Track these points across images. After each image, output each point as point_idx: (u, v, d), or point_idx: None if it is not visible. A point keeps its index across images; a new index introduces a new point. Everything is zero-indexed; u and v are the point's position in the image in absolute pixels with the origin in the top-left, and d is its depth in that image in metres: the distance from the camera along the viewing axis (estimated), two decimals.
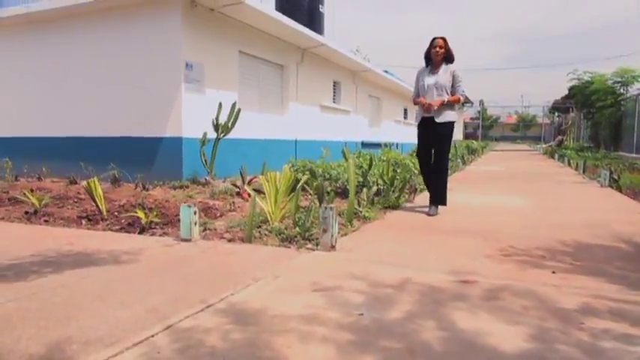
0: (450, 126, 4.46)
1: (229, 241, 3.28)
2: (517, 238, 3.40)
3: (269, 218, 3.73)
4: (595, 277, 2.46)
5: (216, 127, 6.61)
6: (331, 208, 2.86)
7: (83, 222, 4.31)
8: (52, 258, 2.76)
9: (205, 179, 6.73)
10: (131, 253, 2.84)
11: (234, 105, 6.67)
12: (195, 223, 3.25)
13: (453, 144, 16.66)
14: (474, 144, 21.16)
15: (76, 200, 5.34)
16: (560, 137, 29.55)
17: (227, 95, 7.54)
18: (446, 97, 4.39)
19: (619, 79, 15.77)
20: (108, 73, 7.28)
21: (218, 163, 6.89)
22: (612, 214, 4.55)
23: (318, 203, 3.28)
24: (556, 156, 14.91)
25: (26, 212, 4.58)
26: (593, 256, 2.90)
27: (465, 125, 46.39)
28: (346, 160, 5.04)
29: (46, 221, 4.28)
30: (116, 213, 4.63)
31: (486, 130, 51.17)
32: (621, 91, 15.73)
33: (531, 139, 47.61)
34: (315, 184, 3.48)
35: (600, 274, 2.50)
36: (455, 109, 4.55)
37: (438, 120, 4.39)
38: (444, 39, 4.46)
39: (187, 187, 6.49)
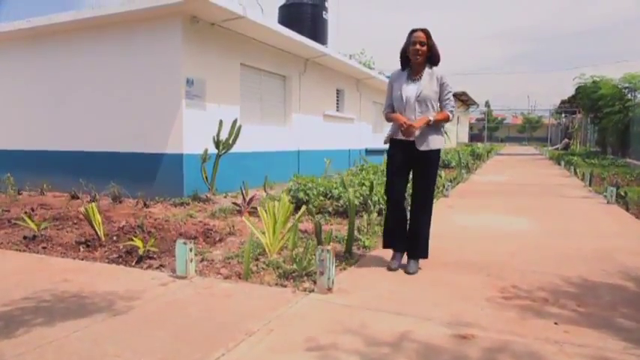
0: (436, 155, 3.40)
1: (225, 278, 3.23)
2: (520, 274, 3.32)
3: (267, 250, 3.68)
4: (599, 329, 2.38)
5: (217, 143, 6.58)
6: (328, 251, 2.80)
7: (81, 248, 4.28)
8: (46, 303, 2.72)
9: (206, 196, 6.70)
10: (124, 298, 2.79)
11: (234, 122, 6.64)
12: (191, 260, 3.20)
13: (457, 154, 16.14)
14: (479, 148, 21.00)
15: (75, 222, 5.31)
16: (566, 140, 29.34)
17: (228, 109, 7.51)
18: (432, 115, 3.30)
19: (626, 85, 15.57)
20: (109, 88, 7.27)
21: (220, 176, 6.86)
22: (618, 240, 4.45)
23: (316, 239, 3.23)
24: (562, 162, 14.74)
25: (25, 237, 4.56)
26: (598, 300, 2.82)
27: (471, 127, 46.16)
28: (346, 188, 4.97)
29: (44, 248, 4.26)
30: (115, 237, 4.61)
31: (492, 131, 50.86)
32: (629, 97, 15.52)
33: (537, 140, 47.23)
34: (315, 222, 3.42)
35: (605, 326, 2.42)
36: (441, 130, 3.46)
37: (420, 148, 3.29)
38: (425, 32, 3.31)
39: (188, 204, 6.46)
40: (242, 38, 7.83)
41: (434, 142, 3.34)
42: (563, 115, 36.80)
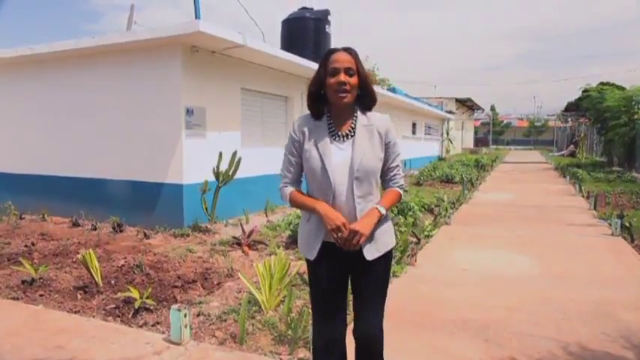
0: (389, 258, 2.12)
1: (220, 343, 3.21)
2: (518, 339, 3.27)
3: (263, 307, 3.66)
4: None
5: (217, 175, 6.56)
6: None
7: (79, 295, 4.29)
8: None
9: (206, 226, 6.69)
10: None
11: (234, 154, 6.62)
12: (186, 326, 3.18)
13: (459, 169, 15.87)
14: (484, 158, 20.83)
15: (74, 260, 5.30)
16: (572, 147, 29.23)
17: (229, 135, 7.49)
18: (378, 202, 2.02)
19: (633, 97, 15.41)
20: (109, 115, 7.27)
21: (221, 202, 6.85)
22: (621, 289, 4.37)
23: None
24: (567, 176, 14.60)
25: (23, 281, 4.56)
26: None
27: (476, 131, 45.92)
28: None
29: (41, 295, 4.26)
30: (113, 281, 4.62)
31: (497, 135, 50.59)
32: (635, 109, 15.36)
33: (543, 143, 46.93)
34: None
35: None
36: (389, 215, 2.11)
37: (369, 256, 1.98)
38: (352, 53, 2.03)
39: (188, 235, 6.46)
40: (242, 63, 7.79)
41: (384, 240, 2.04)
42: (569, 119, 36.52)
